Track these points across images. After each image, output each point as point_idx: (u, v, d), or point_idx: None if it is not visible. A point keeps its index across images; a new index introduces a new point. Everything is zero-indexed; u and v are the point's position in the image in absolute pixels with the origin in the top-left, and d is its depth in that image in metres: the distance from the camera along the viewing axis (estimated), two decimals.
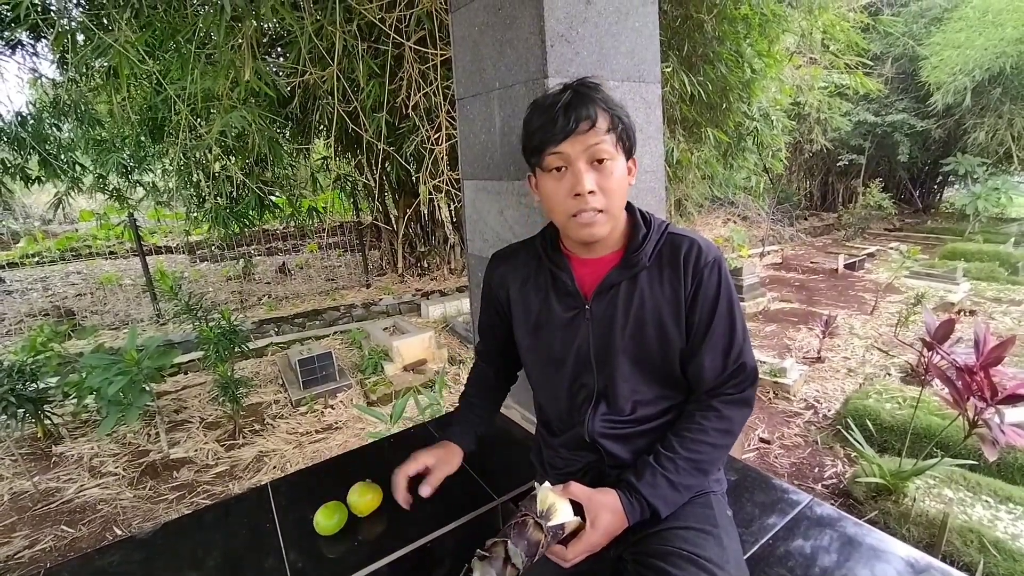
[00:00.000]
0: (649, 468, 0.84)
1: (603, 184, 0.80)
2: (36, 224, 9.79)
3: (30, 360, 3.03)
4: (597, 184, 0.80)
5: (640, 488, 0.82)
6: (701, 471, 0.85)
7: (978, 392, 1.76)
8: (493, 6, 1.25)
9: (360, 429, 3.15)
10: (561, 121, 0.78)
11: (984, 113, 8.27)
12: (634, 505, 0.81)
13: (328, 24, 2.33)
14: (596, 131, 0.78)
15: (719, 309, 0.85)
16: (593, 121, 0.78)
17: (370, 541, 1.02)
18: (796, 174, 11.09)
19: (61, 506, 2.51)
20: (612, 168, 0.80)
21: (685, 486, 0.84)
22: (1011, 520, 1.98)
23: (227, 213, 3.99)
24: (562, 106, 0.78)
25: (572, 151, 0.79)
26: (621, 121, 0.81)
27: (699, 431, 0.85)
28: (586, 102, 0.79)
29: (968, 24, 7.52)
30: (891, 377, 3.51)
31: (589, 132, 0.78)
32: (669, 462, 0.84)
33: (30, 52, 3.45)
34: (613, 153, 0.80)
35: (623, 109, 0.83)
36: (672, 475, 0.83)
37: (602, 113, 0.79)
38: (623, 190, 0.83)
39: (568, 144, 0.79)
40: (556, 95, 0.81)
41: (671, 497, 0.83)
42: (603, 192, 0.80)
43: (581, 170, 0.79)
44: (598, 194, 0.80)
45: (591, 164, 0.80)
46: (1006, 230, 8.08)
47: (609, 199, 0.81)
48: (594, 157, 0.79)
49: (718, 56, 3.54)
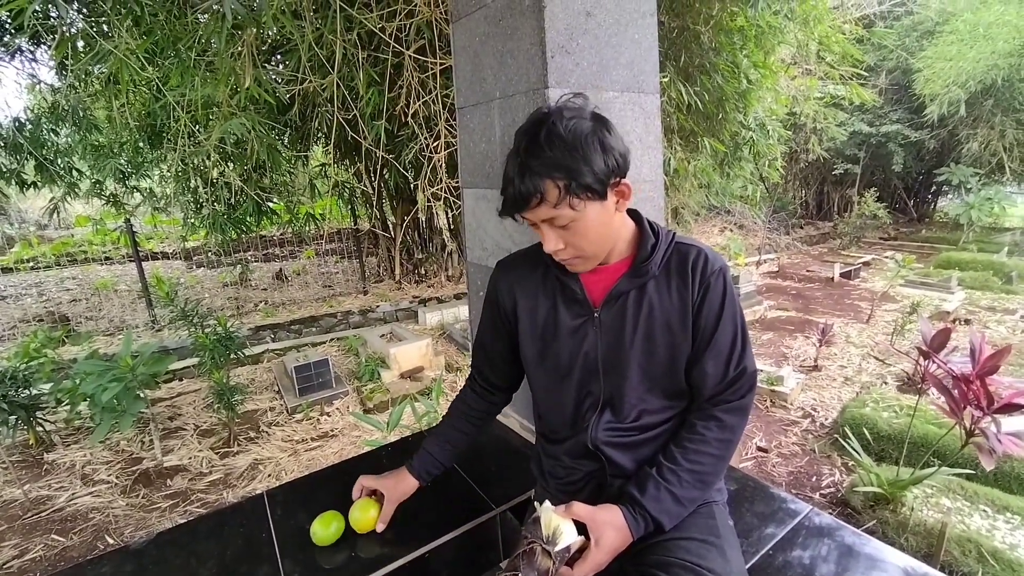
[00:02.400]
0: (652, 481, 0.83)
1: (569, 240, 0.80)
2: (31, 229, 9.75)
3: (23, 366, 3.00)
4: (563, 240, 0.80)
5: (644, 503, 0.81)
6: (703, 483, 0.85)
7: (975, 401, 1.76)
8: (494, 17, 1.26)
9: (356, 437, 3.12)
10: (510, 197, 0.78)
11: (977, 124, 8.37)
12: (638, 520, 0.81)
13: (328, 32, 2.34)
14: (545, 204, 0.76)
15: (724, 317, 0.86)
16: (541, 197, 0.75)
17: (367, 552, 1.01)
18: (792, 183, 11.18)
19: (52, 515, 2.48)
20: (576, 227, 0.78)
21: (689, 499, 0.84)
22: (1009, 530, 1.98)
23: (224, 219, 3.99)
24: (510, 180, 0.77)
25: (531, 218, 0.80)
26: (576, 181, 0.74)
27: (701, 441, 0.85)
28: (530, 177, 0.75)
29: (959, 37, 7.63)
30: (887, 386, 3.52)
31: (538, 206, 0.76)
32: (672, 474, 0.83)
33: (29, 58, 3.45)
34: (574, 215, 0.77)
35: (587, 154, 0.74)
36: (675, 488, 0.82)
37: (551, 184, 0.74)
38: (600, 233, 0.81)
39: (527, 214, 0.79)
40: (512, 157, 0.78)
41: (675, 511, 0.82)
42: (571, 246, 0.81)
43: (544, 232, 0.80)
44: (567, 248, 0.81)
45: (552, 226, 0.79)
46: (999, 239, 8.15)
47: (581, 248, 0.81)
48: (554, 223, 0.79)
49: (715, 67, 3.58)
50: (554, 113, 0.77)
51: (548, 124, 0.76)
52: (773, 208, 9.77)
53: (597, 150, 0.75)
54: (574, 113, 0.77)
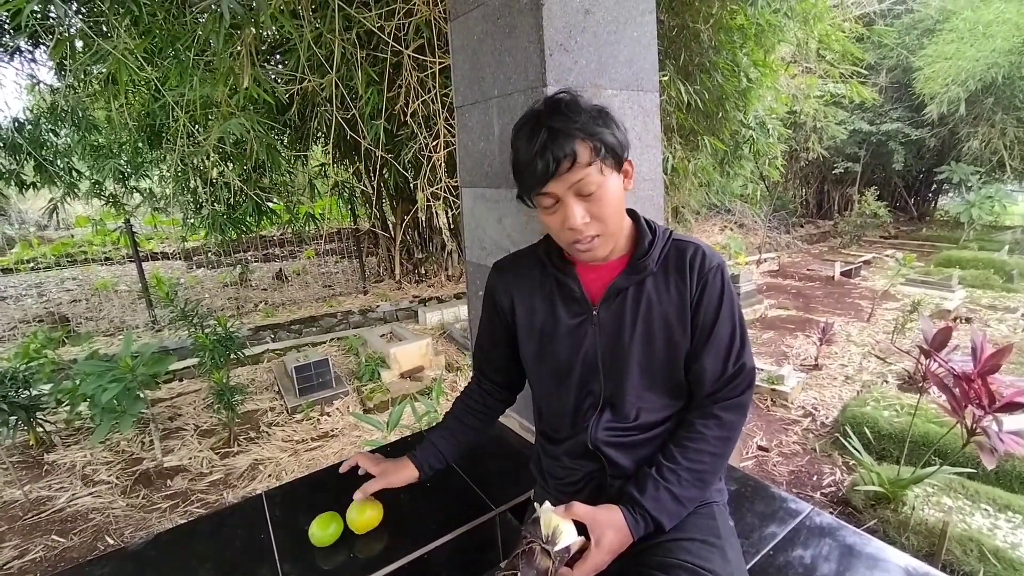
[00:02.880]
0: (651, 481, 0.83)
1: (595, 212, 0.79)
2: (31, 230, 9.75)
3: (23, 367, 3.00)
4: (589, 213, 0.79)
5: (644, 503, 0.81)
6: (703, 481, 0.84)
7: (976, 400, 1.76)
8: (492, 15, 1.25)
9: (357, 437, 3.12)
10: (540, 166, 0.76)
11: (977, 122, 8.36)
12: (638, 520, 0.80)
13: (327, 32, 2.33)
14: (578, 167, 0.76)
15: (722, 313, 0.86)
16: (573, 158, 0.75)
17: (366, 553, 1.00)
18: (792, 182, 11.16)
19: (52, 515, 2.48)
20: (602, 194, 0.79)
21: (688, 498, 0.83)
22: (1010, 529, 1.97)
23: (224, 219, 3.98)
24: (538, 149, 0.76)
25: (558, 189, 0.78)
26: (603, 143, 0.77)
27: (700, 439, 0.85)
28: (562, 139, 0.75)
29: (959, 36, 7.61)
30: (888, 384, 3.52)
31: (571, 170, 0.76)
32: (671, 474, 0.83)
33: (28, 59, 3.45)
34: (601, 180, 0.78)
35: (605, 122, 0.79)
36: (675, 487, 0.82)
37: (582, 145, 0.76)
38: (619, 207, 0.83)
39: (552, 185, 0.77)
40: (531, 134, 0.78)
41: (674, 510, 0.82)
42: (596, 219, 0.80)
43: (570, 205, 0.78)
44: (592, 222, 0.80)
45: (578, 196, 0.79)
46: (1000, 238, 8.14)
47: (604, 223, 0.81)
48: (579, 191, 0.78)
49: (714, 65, 3.57)
50: (565, 91, 0.82)
51: (565, 98, 0.79)
52: (773, 207, 9.76)
53: (612, 120, 0.81)
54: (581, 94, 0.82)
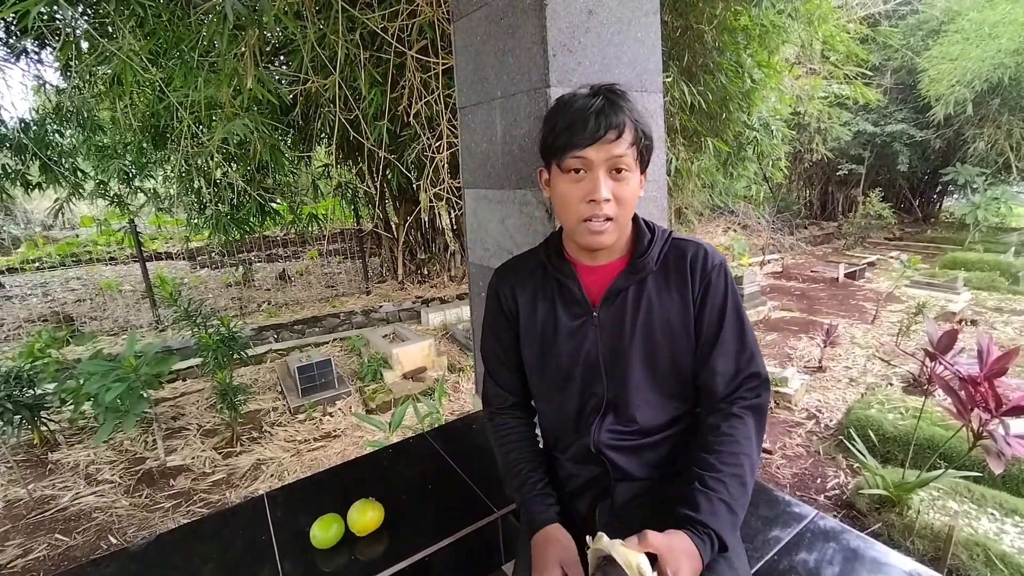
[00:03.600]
0: (701, 495, 0.77)
1: (618, 193, 0.81)
2: (37, 229, 9.81)
3: (28, 366, 3.01)
4: (613, 193, 0.80)
5: (703, 519, 0.75)
6: (745, 486, 0.79)
7: (982, 403, 1.74)
8: (495, 16, 1.25)
9: (359, 437, 3.12)
10: (592, 125, 0.78)
11: (983, 124, 8.31)
12: (704, 540, 0.74)
13: (331, 33, 2.34)
14: (622, 141, 0.79)
15: (728, 314, 0.85)
16: (621, 131, 0.78)
17: (367, 555, 1.00)
18: (796, 183, 11.13)
19: (56, 514, 2.49)
20: (629, 179, 0.81)
21: (740, 505, 0.78)
22: (1017, 533, 1.95)
23: (228, 220, 4.00)
24: (594, 111, 0.78)
25: (596, 157, 0.79)
26: (645, 135, 0.81)
27: (731, 442, 0.81)
28: (618, 111, 0.79)
29: (965, 36, 7.57)
30: (893, 387, 3.49)
31: (616, 142, 0.78)
32: (717, 483, 0.78)
33: (35, 60, 3.47)
34: (632, 165, 0.81)
35: (647, 123, 0.83)
36: (725, 496, 0.77)
37: (630, 125, 0.79)
38: (634, 201, 0.84)
39: (593, 150, 0.78)
40: (587, 97, 0.80)
41: (732, 521, 0.77)
42: (617, 201, 0.81)
43: (600, 177, 0.79)
44: (612, 202, 0.80)
45: (610, 172, 0.80)
46: (1006, 239, 8.08)
47: (621, 208, 0.82)
48: (614, 167, 0.80)
49: (718, 66, 3.56)
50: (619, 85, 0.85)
51: (621, 88, 0.83)
52: (777, 208, 9.73)
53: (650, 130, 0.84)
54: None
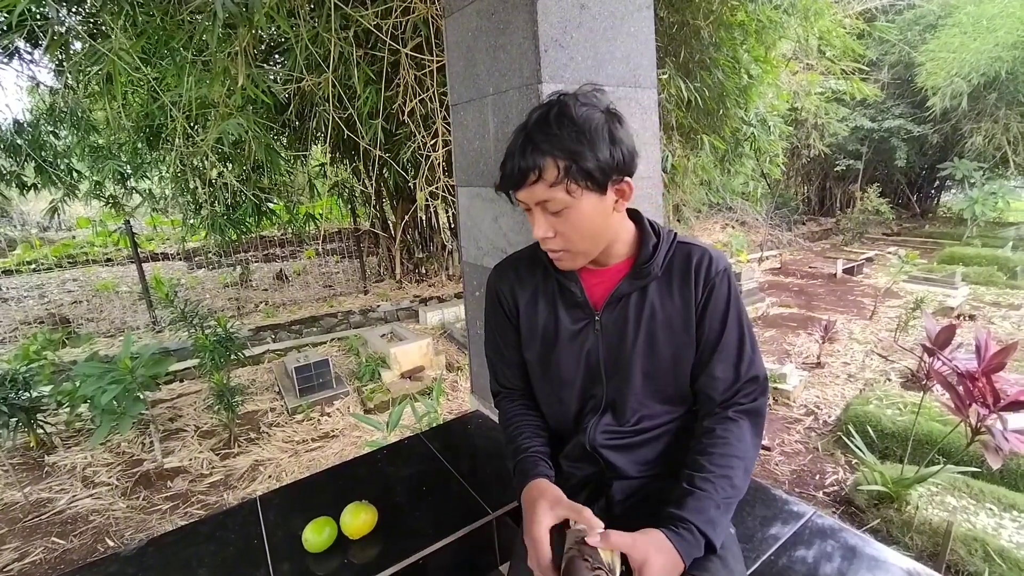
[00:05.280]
0: (687, 493, 0.77)
1: (560, 228, 0.77)
2: (33, 231, 9.77)
3: (23, 368, 3.00)
4: (554, 228, 0.78)
5: (686, 515, 0.74)
6: (735, 487, 0.79)
7: (980, 398, 1.74)
8: (486, 11, 1.24)
9: (357, 437, 3.11)
10: (507, 170, 0.76)
11: (980, 118, 8.30)
12: (684, 536, 0.72)
13: (324, 31, 2.32)
14: (542, 182, 0.74)
15: (730, 319, 0.84)
16: (539, 173, 0.73)
17: (360, 558, 0.99)
18: (794, 179, 11.12)
19: (52, 517, 2.48)
20: (568, 215, 0.76)
21: (728, 504, 0.78)
22: (1015, 528, 1.95)
23: (224, 220, 3.98)
24: (510, 153, 0.75)
25: (524, 199, 0.77)
26: (578, 164, 0.72)
27: (724, 444, 0.81)
28: (531, 152, 0.73)
29: (962, 30, 7.56)
30: (891, 382, 3.49)
31: (535, 184, 0.74)
32: (705, 483, 0.77)
33: (28, 60, 3.44)
34: (569, 201, 0.74)
35: (593, 140, 0.73)
36: (713, 495, 0.76)
37: (550, 162, 0.72)
38: (591, 229, 0.78)
39: (520, 193, 0.77)
40: (517, 131, 0.77)
41: (719, 519, 0.76)
42: (561, 236, 0.78)
43: (535, 216, 0.78)
44: (557, 238, 0.78)
45: (544, 211, 0.77)
46: (1004, 234, 8.08)
47: (570, 241, 0.79)
48: (544, 207, 0.76)
49: (715, 62, 3.55)
50: (569, 97, 0.76)
51: (561, 105, 0.75)
52: (775, 204, 9.73)
53: (605, 140, 0.74)
54: (589, 100, 0.76)
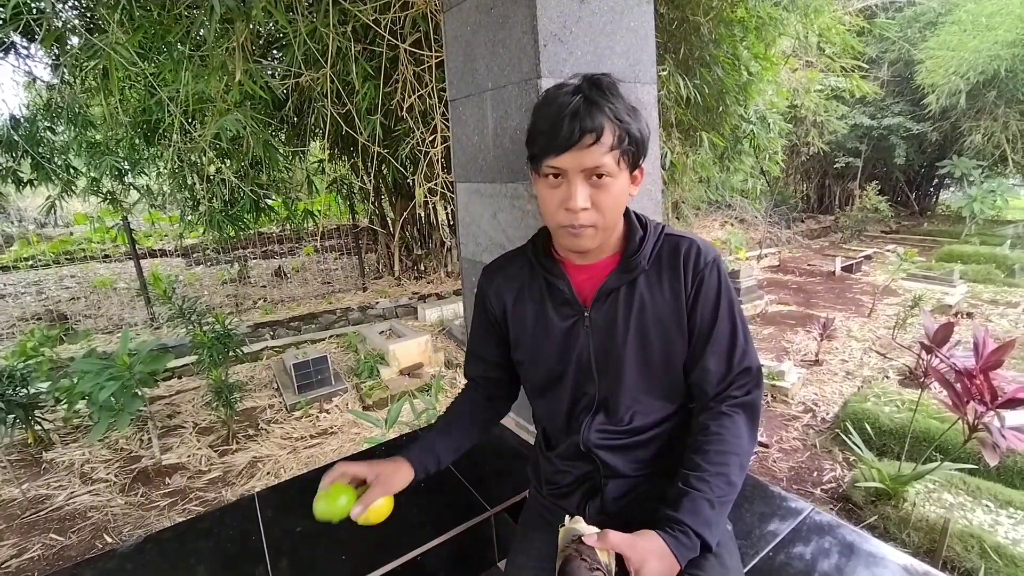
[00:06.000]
0: (686, 496, 0.76)
1: (598, 200, 0.75)
2: (30, 227, 9.73)
3: (21, 365, 2.99)
4: (592, 199, 0.75)
5: (681, 518, 0.73)
6: (731, 485, 0.78)
7: (978, 396, 1.74)
8: (485, 5, 1.23)
9: (356, 434, 3.11)
10: (565, 131, 0.71)
11: (979, 116, 8.30)
12: (679, 539, 0.72)
13: (322, 26, 2.31)
14: (599, 146, 0.72)
15: (721, 310, 0.82)
16: (598, 136, 0.72)
17: (358, 554, 0.99)
18: (793, 177, 11.12)
19: (51, 514, 2.47)
20: (610, 184, 0.75)
21: (723, 503, 0.77)
22: (1012, 525, 1.96)
23: (222, 216, 3.96)
24: (569, 113, 0.71)
25: (571, 165, 0.73)
26: (629, 135, 0.74)
27: (718, 441, 0.80)
28: (595, 112, 0.71)
29: (962, 28, 7.55)
30: (889, 380, 3.50)
31: (592, 147, 0.72)
32: (700, 482, 0.76)
33: (24, 55, 3.42)
34: (614, 170, 0.74)
35: (636, 116, 0.76)
36: (708, 494, 0.75)
37: (609, 126, 0.72)
38: (620, 205, 0.79)
39: (568, 156, 0.73)
40: (568, 94, 0.74)
41: (714, 519, 0.75)
42: (597, 208, 0.76)
43: (576, 184, 0.74)
44: (591, 210, 0.76)
45: (588, 179, 0.74)
46: (1002, 232, 8.09)
47: (603, 215, 0.77)
48: (593, 173, 0.74)
49: (714, 59, 3.54)
50: (605, 74, 0.77)
51: (607, 77, 0.76)
52: (774, 202, 9.72)
53: (642, 121, 0.77)
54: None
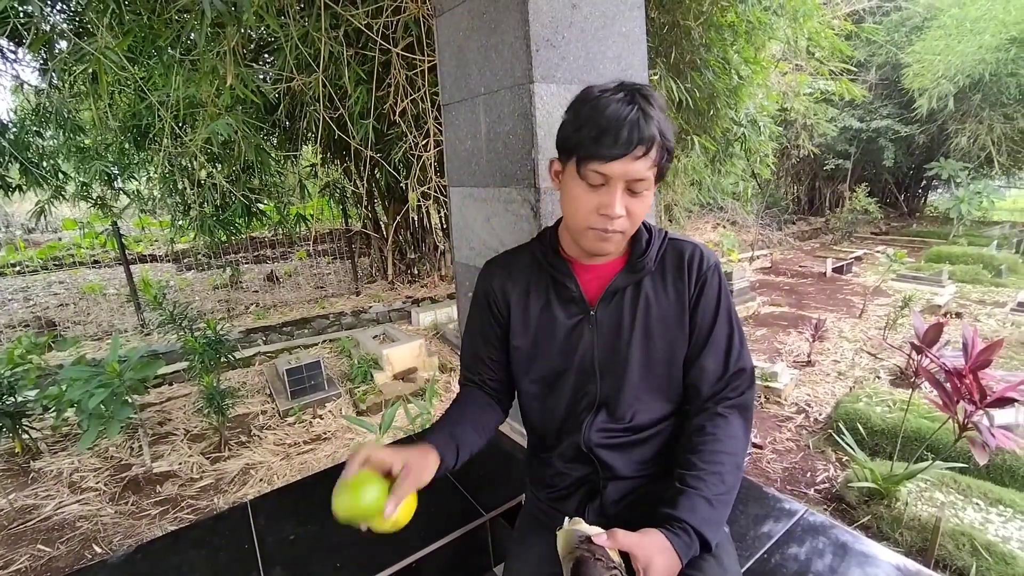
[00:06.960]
0: (683, 494, 0.77)
1: (632, 208, 0.77)
2: (17, 233, 9.61)
3: (8, 373, 2.94)
4: (627, 207, 0.77)
5: (680, 515, 0.75)
6: (725, 484, 0.80)
7: (967, 395, 1.76)
8: (478, 10, 1.23)
9: (349, 439, 3.09)
10: (623, 139, 0.72)
11: (966, 119, 8.43)
12: (682, 537, 0.73)
13: (314, 30, 2.30)
14: (647, 159, 0.74)
15: (720, 313, 0.85)
16: (648, 149, 0.73)
17: (353, 562, 0.98)
18: (783, 179, 11.23)
19: (38, 524, 2.43)
20: (646, 195, 0.77)
21: (720, 501, 0.78)
22: (1002, 523, 1.98)
23: (213, 221, 3.93)
24: (628, 122, 0.72)
25: (618, 173, 0.74)
26: (668, 151, 0.77)
27: (712, 440, 0.81)
28: (650, 125, 0.73)
29: (947, 32, 7.67)
30: (881, 380, 3.53)
31: (641, 159, 0.74)
32: (696, 480, 0.78)
33: (11, 59, 3.38)
34: (651, 182, 0.77)
35: (671, 130, 0.78)
36: (704, 492, 0.77)
37: (658, 142, 0.74)
38: (645, 215, 0.82)
39: (617, 165, 0.73)
40: (621, 102, 0.74)
41: (712, 517, 0.76)
42: (630, 215, 0.78)
43: (617, 193, 0.75)
44: (624, 218, 0.77)
45: (628, 187, 0.76)
46: (989, 233, 8.22)
47: (633, 223, 0.79)
48: (633, 183, 0.76)
49: (705, 63, 3.57)
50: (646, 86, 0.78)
51: (651, 91, 0.77)
52: (765, 204, 9.81)
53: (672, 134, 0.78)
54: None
